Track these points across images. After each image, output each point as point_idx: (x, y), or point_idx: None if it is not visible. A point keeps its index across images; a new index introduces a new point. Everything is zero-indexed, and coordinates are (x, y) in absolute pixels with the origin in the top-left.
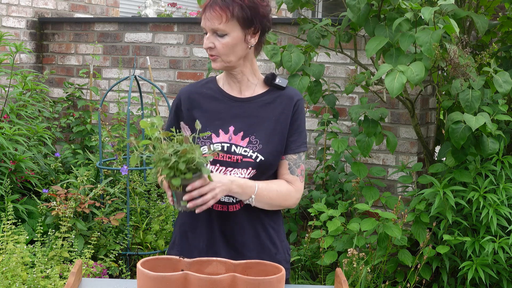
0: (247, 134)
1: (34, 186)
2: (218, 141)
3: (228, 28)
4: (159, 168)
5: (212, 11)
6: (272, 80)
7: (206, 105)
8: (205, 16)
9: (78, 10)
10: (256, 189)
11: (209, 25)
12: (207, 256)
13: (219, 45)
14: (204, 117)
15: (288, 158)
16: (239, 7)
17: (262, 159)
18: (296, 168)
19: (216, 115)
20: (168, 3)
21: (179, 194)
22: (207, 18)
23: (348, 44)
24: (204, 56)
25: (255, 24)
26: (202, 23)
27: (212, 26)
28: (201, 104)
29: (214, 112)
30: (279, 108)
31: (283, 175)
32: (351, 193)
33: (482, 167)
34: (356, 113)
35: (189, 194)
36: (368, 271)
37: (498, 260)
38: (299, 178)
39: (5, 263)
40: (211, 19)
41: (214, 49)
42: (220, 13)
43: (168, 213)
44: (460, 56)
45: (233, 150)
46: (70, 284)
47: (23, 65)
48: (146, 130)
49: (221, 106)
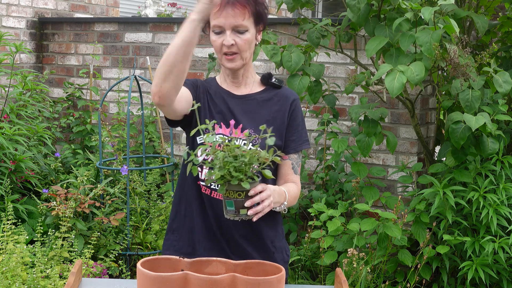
0: (246, 128)
1: (34, 186)
2: (219, 132)
3: (248, 24)
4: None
5: (234, 8)
6: (269, 79)
7: (210, 98)
8: (225, 13)
9: (78, 10)
10: (287, 196)
11: (232, 22)
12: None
13: (241, 41)
14: (206, 109)
15: (291, 158)
16: (255, 3)
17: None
18: (298, 167)
19: (217, 109)
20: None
21: (239, 201)
22: (229, 15)
23: (348, 44)
24: (204, 56)
25: (264, 21)
26: (217, 21)
27: (236, 22)
28: (206, 96)
29: (216, 106)
30: (276, 106)
31: (288, 175)
32: (351, 193)
33: (482, 167)
34: (356, 113)
35: (251, 199)
36: (368, 271)
37: (498, 260)
38: (299, 176)
39: (5, 263)
40: (235, 16)
41: (234, 46)
42: (242, 9)
43: (168, 213)
44: (460, 56)
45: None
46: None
47: (23, 65)
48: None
49: (222, 101)
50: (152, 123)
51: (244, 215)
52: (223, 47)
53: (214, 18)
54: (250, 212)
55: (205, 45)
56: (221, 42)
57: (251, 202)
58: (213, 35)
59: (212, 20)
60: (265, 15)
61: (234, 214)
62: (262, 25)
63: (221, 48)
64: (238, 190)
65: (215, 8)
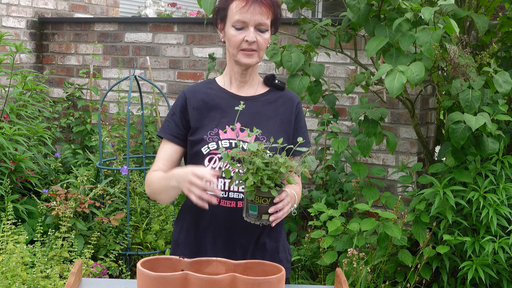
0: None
1: (34, 186)
2: (225, 137)
3: (269, 24)
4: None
5: (261, 6)
6: (273, 81)
7: (212, 103)
8: (252, 9)
9: (78, 10)
10: (296, 198)
11: (258, 19)
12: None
13: (261, 40)
14: (210, 115)
15: (295, 159)
16: (277, 5)
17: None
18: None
19: (222, 113)
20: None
21: (263, 207)
22: (256, 12)
23: (348, 44)
24: (204, 56)
25: (277, 25)
26: (242, 16)
27: (260, 20)
28: (207, 102)
29: (220, 110)
30: (282, 108)
31: None
32: (351, 193)
33: (482, 167)
34: (356, 113)
35: (275, 206)
36: (368, 271)
37: (498, 260)
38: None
39: (5, 263)
40: (262, 13)
41: (255, 43)
42: (268, 8)
43: (168, 213)
44: (460, 56)
45: (241, 146)
46: (70, 284)
47: (23, 65)
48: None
49: (226, 104)
50: (152, 123)
51: (265, 220)
52: (243, 43)
53: (239, 13)
54: (271, 218)
55: (205, 45)
56: (242, 38)
57: (274, 208)
58: (232, 30)
59: (236, 15)
60: (280, 19)
61: (256, 218)
62: (274, 29)
63: (240, 43)
64: (265, 196)
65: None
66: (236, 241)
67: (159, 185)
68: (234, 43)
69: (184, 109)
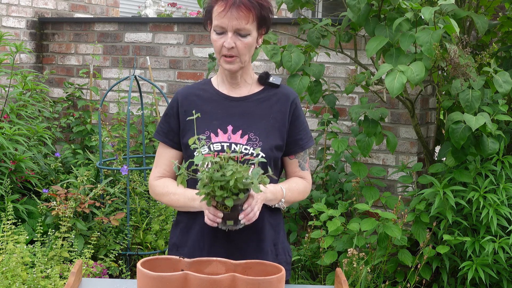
0: (245, 132)
1: (34, 186)
2: (217, 140)
3: (251, 28)
4: (209, 190)
5: (239, 11)
6: (266, 79)
7: (204, 107)
8: (229, 15)
9: (78, 10)
10: (284, 193)
11: (235, 25)
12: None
13: (241, 45)
14: (201, 118)
15: (298, 156)
16: (260, 7)
17: (263, 156)
18: (304, 163)
19: (213, 115)
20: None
21: (226, 214)
22: (233, 17)
23: (348, 44)
24: (204, 56)
25: (267, 25)
26: (220, 22)
27: (238, 25)
28: (199, 105)
29: (212, 113)
30: (276, 105)
31: (295, 172)
32: (351, 193)
33: (482, 167)
34: (356, 113)
35: (244, 212)
36: (368, 271)
37: (498, 260)
38: (308, 171)
39: (5, 263)
40: (239, 18)
41: (234, 49)
42: (247, 13)
43: (168, 213)
44: (460, 56)
45: (233, 148)
46: (70, 284)
47: (23, 65)
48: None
49: (218, 106)
50: (152, 123)
51: (231, 225)
52: (223, 49)
53: (217, 18)
54: (243, 220)
55: (205, 45)
56: (221, 43)
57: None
58: (214, 34)
59: (215, 19)
60: (269, 19)
61: (222, 224)
62: (265, 29)
63: (221, 49)
64: (222, 204)
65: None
66: (235, 244)
67: (178, 203)
68: (216, 48)
69: (176, 112)
